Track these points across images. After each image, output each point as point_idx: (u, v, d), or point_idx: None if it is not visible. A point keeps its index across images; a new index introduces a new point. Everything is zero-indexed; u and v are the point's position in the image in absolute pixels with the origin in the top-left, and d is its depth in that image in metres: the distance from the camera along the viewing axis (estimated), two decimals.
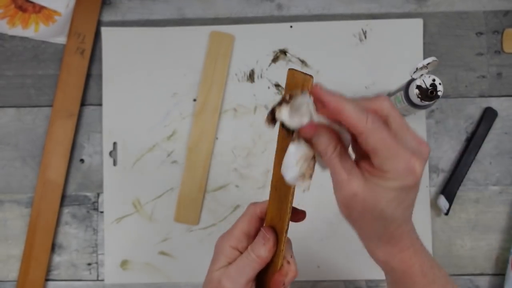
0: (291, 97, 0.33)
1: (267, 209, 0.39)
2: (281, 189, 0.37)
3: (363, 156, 0.32)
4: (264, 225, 0.40)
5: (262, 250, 0.37)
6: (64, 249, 0.65)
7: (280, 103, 0.33)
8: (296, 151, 0.33)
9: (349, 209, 0.32)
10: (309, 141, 0.33)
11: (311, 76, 0.34)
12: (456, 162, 0.64)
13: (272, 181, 0.38)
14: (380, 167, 0.30)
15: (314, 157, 0.34)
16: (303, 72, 0.35)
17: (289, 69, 0.36)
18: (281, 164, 0.34)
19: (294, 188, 0.35)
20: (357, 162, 0.33)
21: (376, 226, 0.33)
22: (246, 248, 0.38)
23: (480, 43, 0.65)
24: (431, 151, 0.64)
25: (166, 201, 0.64)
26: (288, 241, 0.40)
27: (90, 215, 0.65)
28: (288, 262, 0.39)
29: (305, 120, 0.32)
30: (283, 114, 0.33)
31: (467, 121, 0.64)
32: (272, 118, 0.33)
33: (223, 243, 0.39)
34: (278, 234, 0.38)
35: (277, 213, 0.38)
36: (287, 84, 0.36)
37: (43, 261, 0.63)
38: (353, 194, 0.31)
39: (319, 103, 0.32)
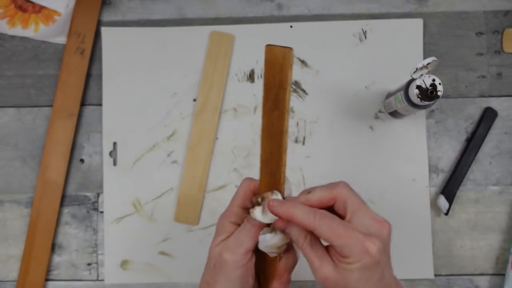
0: (263, 199, 0.38)
1: (259, 182, 0.41)
2: (271, 162, 0.39)
3: None
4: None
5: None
6: (64, 249, 0.65)
7: (253, 206, 0.39)
8: (271, 239, 0.39)
9: None
10: (283, 231, 0.39)
11: (290, 48, 0.38)
12: (456, 162, 0.64)
13: (261, 156, 0.40)
14: (339, 253, 0.35)
15: (289, 242, 0.40)
16: (281, 46, 0.38)
17: (267, 45, 0.38)
18: (269, 140, 0.39)
19: (285, 160, 0.39)
20: (327, 248, 0.37)
21: None
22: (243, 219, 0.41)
23: (480, 43, 0.65)
24: (431, 152, 0.64)
25: (166, 201, 0.64)
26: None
27: (90, 215, 0.65)
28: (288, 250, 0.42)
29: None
30: (257, 215, 0.38)
31: (467, 121, 0.64)
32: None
33: (223, 221, 0.41)
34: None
35: (270, 185, 0.40)
36: (266, 62, 0.38)
37: (43, 261, 0.63)
38: (325, 278, 0.36)
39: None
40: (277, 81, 0.38)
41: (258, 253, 0.41)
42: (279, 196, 0.39)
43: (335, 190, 0.37)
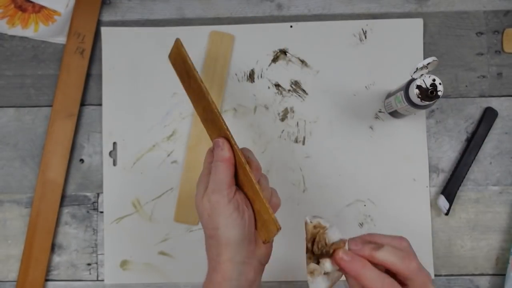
0: (330, 247, 0.40)
1: (210, 137, 0.49)
2: (208, 115, 0.47)
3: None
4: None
5: (222, 152, 0.44)
6: (64, 249, 0.65)
7: (319, 255, 0.41)
8: (323, 282, 0.41)
9: None
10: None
11: (178, 38, 0.49)
12: (456, 162, 0.64)
13: (200, 119, 0.49)
14: None
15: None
16: (178, 38, 0.49)
17: (176, 39, 0.50)
18: (197, 102, 0.49)
19: (216, 106, 0.46)
20: None
21: None
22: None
23: (480, 43, 0.65)
24: (431, 152, 0.64)
25: (166, 201, 0.64)
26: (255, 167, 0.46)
27: (90, 215, 0.65)
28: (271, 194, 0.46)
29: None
30: (328, 267, 0.40)
31: (467, 121, 0.64)
32: (316, 261, 0.41)
33: (201, 178, 0.45)
34: (228, 139, 0.45)
35: (216, 130, 0.47)
36: (170, 57, 0.52)
37: (42, 261, 0.63)
38: None
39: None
40: (184, 72, 0.49)
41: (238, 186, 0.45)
42: (340, 238, 0.39)
43: (406, 264, 0.37)
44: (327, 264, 0.39)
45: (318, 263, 0.40)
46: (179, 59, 0.49)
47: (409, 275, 0.37)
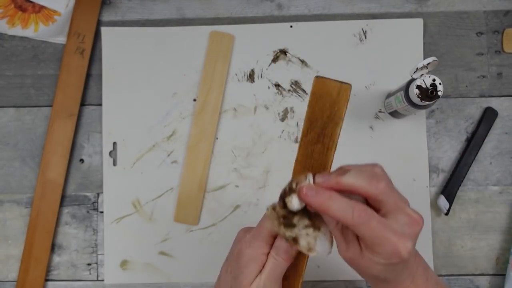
0: (297, 184, 0.35)
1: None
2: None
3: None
4: None
5: (289, 251, 0.39)
6: (64, 249, 0.65)
7: (287, 194, 0.35)
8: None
9: (353, 266, 0.37)
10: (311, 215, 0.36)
11: (349, 84, 0.36)
12: (456, 162, 0.64)
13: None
14: (369, 248, 0.35)
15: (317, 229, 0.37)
16: (336, 80, 0.36)
17: (316, 76, 0.36)
18: (302, 171, 0.37)
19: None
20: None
21: (373, 281, 0.38)
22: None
23: (480, 43, 0.65)
24: (431, 152, 0.64)
25: (166, 201, 0.64)
26: None
27: (90, 215, 0.65)
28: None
29: None
30: (295, 204, 0.35)
31: (467, 121, 0.64)
32: (283, 205, 0.36)
33: (254, 251, 0.39)
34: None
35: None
36: (313, 94, 0.37)
37: (43, 261, 0.63)
38: (349, 259, 0.36)
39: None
40: (325, 115, 0.37)
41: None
42: (311, 179, 0.35)
43: (374, 185, 0.34)
44: (293, 200, 0.35)
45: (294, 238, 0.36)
46: (328, 102, 0.37)
47: (378, 196, 0.34)
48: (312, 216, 0.36)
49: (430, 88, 0.52)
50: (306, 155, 0.37)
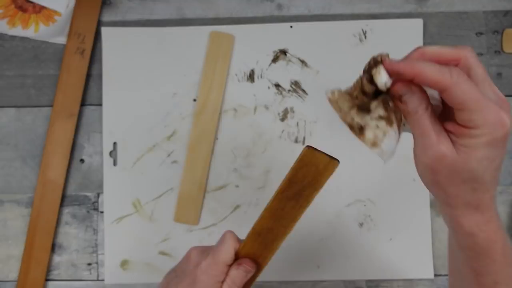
0: (381, 58, 0.32)
1: (244, 244, 0.41)
2: (266, 236, 0.40)
3: (447, 119, 0.32)
4: (239, 254, 0.41)
5: (244, 280, 0.40)
6: (64, 249, 0.65)
7: (375, 65, 0.32)
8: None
9: (436, 173, 0.32)
10: (397, 101, 0.32)
11: (337, 161, 0.37)
12: None
13: (255, 227, 0.40)
14: (468, 122, 0.30)
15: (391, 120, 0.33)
16: (326, 154, 0.37)
17: (307, 146, 0.37)
18: (273, 220, 0.39)
19: (282, 242, 0.40)
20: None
21: (464, 190, 0.32)
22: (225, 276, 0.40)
23: (480, 43, 0.65)
24: None
25: (166, 201, 0.64)
26: None
27: (90, 215, 0.65)
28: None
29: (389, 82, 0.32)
30: (384, 77, 0.32)
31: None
32: (370, 79, 0.32)
33: (211, 280, 0.40)
34: (259, 266, 0.42)
35: (257, 252, 0.41)
36: (300, 161, 0.37)
37: (43, 261, 0.63)
38: (442, 155, 0.31)
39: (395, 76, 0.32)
40: (307, 180, 0.38)
41: None
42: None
43: (461, 52, 0.31)
44: (382, 72, 0.31)
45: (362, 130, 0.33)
46: (312, 171, 0.38)
47: (467, 60, 0.31)
48: (389, 108, 0.33)
49: None
50: (278, 208, 0.39)
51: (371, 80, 0.32)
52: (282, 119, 0.65)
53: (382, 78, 0.32)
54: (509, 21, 0.65)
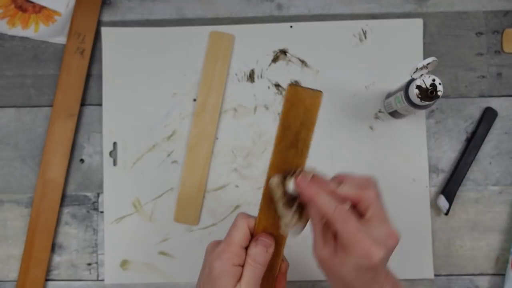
0: (294, 172, 0.39)
1: (258, 219, 0.41)
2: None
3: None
4: (256, 232, 0.41)
5: (266, 256, 0.40)
6: (64, 249, 0.65)
7: (292, 175, 0.39)
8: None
9: (322, 268, 0.40)
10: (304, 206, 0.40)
11: (320, 92, 0.39)
12: (456, 162, 0.64)
13: (265, 193, 0.40)
14: (343, 246, 0.37)
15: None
16: (308, 88, 0.39)
17: (289, 84, 0.39)
18: (276, 173, 0.40)
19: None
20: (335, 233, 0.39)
21: (340, 286, 0.39)
22: (244, 259, 0.40)
23: (480, 43, 0.65)
24: (431, 152, 0.64)
25: (166, 201, 0.64)
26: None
27: (90, 215, 0.65)
28: (282, 260, 0.43)
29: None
30: (291, 187, 0.39)
31: (467, 121, 0.64)
32: (282, 185, 0.39)
33: (225, 263, 0.39)
34: (278, 239, 0.41)
35: (274, 222, 0.40)
36: (287, 101, 0.39)
37: (43, 261, 0.63)
38: (322, 258, 0.39)
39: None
40: (299, 121, 0.38)
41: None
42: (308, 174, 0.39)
43: (363, 192, 0.39)
44: (290, 184, 0.39)
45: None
46: (301, 109, 0.39)
47: (365, 201, 0.38)
48: (302, 206, 0.40)
49: (430, 88, 0.52)
50: (281, 160, 0.39)
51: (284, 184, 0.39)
52: None
53: (290, 187, 0.39)
54: (509, 21, 0.65)
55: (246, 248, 0.40)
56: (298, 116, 0.38)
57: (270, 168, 0.39)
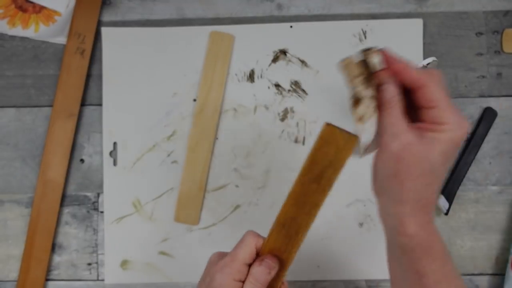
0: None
1: (267, 240, 0.41)
2: (290, 226, 0.40)
3: (413, 118, 0.36)
4: (262, 252, 0.41)
5: (267, 277, 0.39)
6: (64, 249, 0.65)
7: (366, 52, 0.37)
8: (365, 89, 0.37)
9: (400, 161, 0.35)
10: (377, 88, 0.37)
11: (356, 137, 0.38)
12: (456, 162, 0.64)
13: (279, 218, 0.40)
14: (437, 119, 0.35)
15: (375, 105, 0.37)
16: (345, 131, 0.38)
17: (326, 123, 0.38)
18: (296, 207, 0.39)
19: (308, 231, 0.40)
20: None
21: (419, 185, 0.35)
22: (246, 275, 0.40)
23: (480, 43, 0.65)
24: None
25: (166, 201, 0.64)
26: None
27: (90, 215, 0.65)
28: (282, 283, 0.42)
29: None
30: (376, 61, 0.36)
31: (467, 121, 0.64)
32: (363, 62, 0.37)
33: (226, 278, 0.39)
34: (283, 263, 0.41)
35: (282, 246, 0.40)
36: (320, 139, 0.38)
37: (43, 261, 0.63)
38: (409, 142, 0.34)
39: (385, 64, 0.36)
40: (328, 159, 0.38)
41: None
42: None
43: (432, 77, 0.36)
44: (375, 57, 0.36)
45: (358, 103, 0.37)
46: (332, 148, 0.39)
47: (435, 86, 0.36)
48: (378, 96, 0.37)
49: None
50: (301, 192, 0.39)
51: (364, 61, 0.37)
52: (282, 119, 0.65)
53: (375, 59, 0.36)
54: (509, 21, 0.65)
55: (250, 265, 0.40)
56: (328, 155, 0.38)
57: (289, 197, 0.40)
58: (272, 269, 0.39)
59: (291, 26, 0.66)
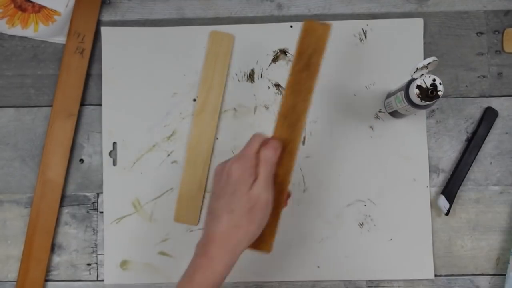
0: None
1: (273, 135, 0.47)
2: (291, 116, 0.47)
3: None
4: None
5: (275, 156, 0.45)
6: (64, 249, 0.65)
7: None
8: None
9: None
10: None
11: (330, 24, 0.47)
12: (456, 162, 0.64)
13: (280, 110, 0.47)
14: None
15: None
16: (320, 22, 0.47)
17: (306, 20, 0.48)
18: (293, 95, 0.47)
19: (306, 115, 0.46)
20: None
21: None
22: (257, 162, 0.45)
23: (480, 43, 0.65)
24: (431, 152, 0.64)
25: (166, 201, 0.64)
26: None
27: (90, 215, 0.65)
28: (288, 194, 0.48)
29: None
30: None
31: (468, 121, 0.64)
32: None
33: (243, 165, 0.45)
34: (290, 153, 0.47)
35: (287, 137, 0.47)
36: (303, 31, 0.47)
37: (42, 261, 0.63)
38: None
39: None
40: (311, 48, 0.47)
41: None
42: None
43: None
44: None
45: None
46: (313, 38, 0.47)
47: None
48: None
49: (430, 88, 0.52)
50: (295, 81, 0.47)
51: None
52: None
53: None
54: (510, 21, 0.65)
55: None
56: (311, 43, 0.47)
57: (287, 86, 0.47)
58: (277, 149, 0.45)
59: (291, 26, 0.66)
